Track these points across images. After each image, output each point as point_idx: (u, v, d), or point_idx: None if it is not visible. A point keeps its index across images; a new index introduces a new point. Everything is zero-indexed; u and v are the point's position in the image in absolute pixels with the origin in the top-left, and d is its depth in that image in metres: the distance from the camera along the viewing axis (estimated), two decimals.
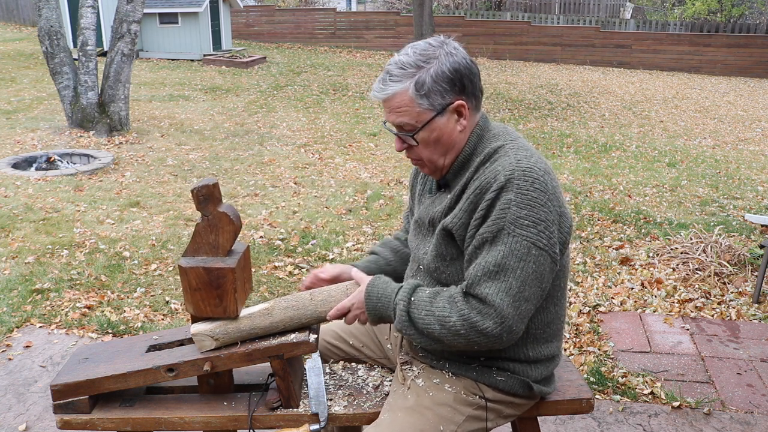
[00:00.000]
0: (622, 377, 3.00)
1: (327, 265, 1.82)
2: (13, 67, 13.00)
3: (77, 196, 5.56)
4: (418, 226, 1.71)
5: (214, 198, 1.56)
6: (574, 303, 3.75)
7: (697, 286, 4.01)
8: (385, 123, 1.62)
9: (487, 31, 18.46)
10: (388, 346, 1.86)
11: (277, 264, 4.24)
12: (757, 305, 3.77)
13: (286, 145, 7.80)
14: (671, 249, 4.55)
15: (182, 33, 15.41)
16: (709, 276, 4.09)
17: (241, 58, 15.07)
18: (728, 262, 4.21)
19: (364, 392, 1.75)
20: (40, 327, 3.41)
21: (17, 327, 3.40)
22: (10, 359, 3.12)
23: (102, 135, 7.75)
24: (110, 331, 3.35)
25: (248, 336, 1.63)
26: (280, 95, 11.48)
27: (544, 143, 8.46)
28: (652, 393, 2.90)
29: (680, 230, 4.96)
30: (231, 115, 9.53)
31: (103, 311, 3.55)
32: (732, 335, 3.44)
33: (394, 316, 1.54)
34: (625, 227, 5.15)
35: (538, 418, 1.76)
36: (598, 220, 5.31)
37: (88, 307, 3.59)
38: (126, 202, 5.41)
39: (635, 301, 3.82)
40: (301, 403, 1.68)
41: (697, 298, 3.85)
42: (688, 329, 3.50)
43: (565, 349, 3.23)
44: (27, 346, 3.23)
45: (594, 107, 11.59)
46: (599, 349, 3.25)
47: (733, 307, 3.74)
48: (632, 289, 3.98)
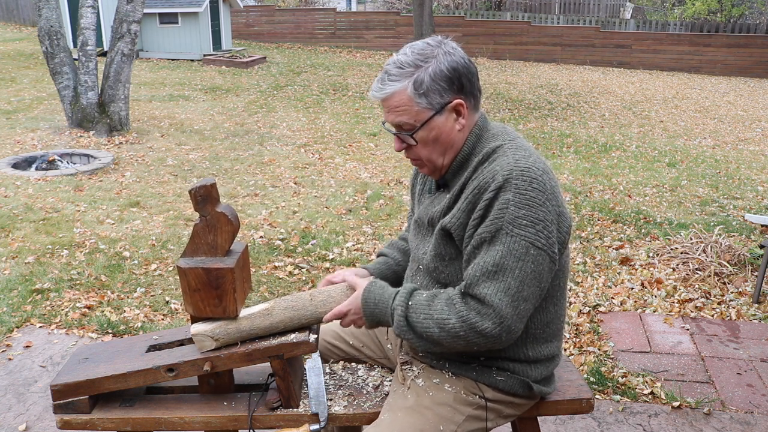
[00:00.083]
0: (622, 377, 3.00)
1: (342, 270, 1.82)
2: (13, 67, 13.00)
3: (77, 196, 5.56)
4: (418, 226, 1.71)
5: (212, 198, 1.56)
6: (574, 303, 3.75)
7: (697, 286, 4.01)
8: (384, 123, 1.62)
9: (487, 31, 18.47)
10: (389, 346, 1.86)
11: (277, 264, 4.24)
12: (757, 305, 3.77)
13: (286, 145, 7.80)
14: (671, 249, 4.55)
15: (182, 33, 15.41)
16: (709, 276, 4.09)
17: (241, 58, 15.07)
18: (728, 262, 4.21)
19: (364, 392, 1.76)
20: (40, 327, 3.41)
21: (17, 327, 3.40)
22: (10, 359, 3.12)
23: (102, 135, 7.76)
24: (110, 331, 3.35)
25: (248, 336, 1.63)
26: (280, 95, 11.48)
27: (544, 143, 8.46)
28: (652, 393, 2.90)
29: (680, 230, 4.96)
30: (231, 115, 9.53)
31: (103, 311, 3.55)
32: (732, 335, 3.44)
33: (392, 321, 1.55)
34: (625, 227, 5.15)
35: (538, 418, 1.76)
36: (598, 220, 5.31)
37: (88, 307, 3.59)
38: (126, 202, 5.41)
39: (635, 301, 3.82)
40: (301, 403, 1.68)
41: (697, 298, 3.85)
42: (688, 329, 3.50)
43: (565, 349, 3.23)
44: (27, 346, 3.23)
45: (594, 107, 11.59)
46: (599, 349, 3.25)
47: (733, 307, 3.74)
48: (632, 289, 3.98)
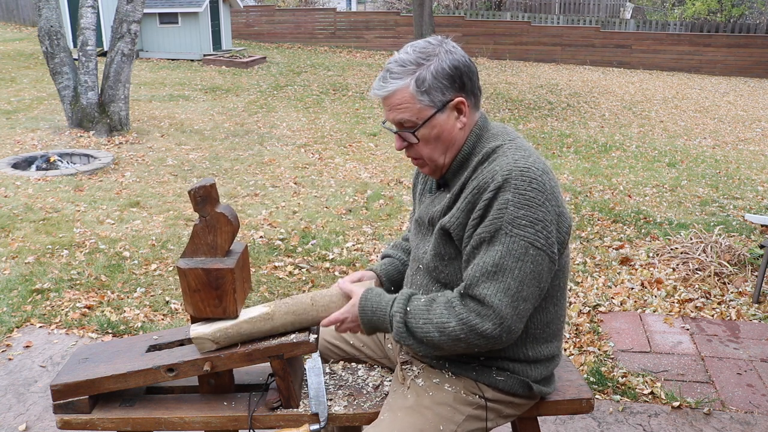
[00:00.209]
0: (622, 377, 3.00)
1: (351, 274, 1.83)
2: (13, 67, 13.00)
3: (77, 196, 5.56)
4: (419, 225, 1.71)
5: (212, 199, 1.56)
6: (574, 303, 3.75)
7: (697, 286, 4.01)
8: (385, 123, 1.62)
9: (487, 31, 18.47)
10: (389, 345, 1.86)
11: (277, 264, 4.24)
12: (757, 305, 3.77)
13: (286, 145, 7.79)
14: (671, 249, 4.55)
15: (182, 33, 15.41)
16: (709, 276, 4.09)
17: (241, 58, 15.07)
18: (728, 262, 4.21)
19: (364, 392, 1.76)
20: (40, 327, 3.41)
21: (17, 327, 3.40)
22: (10, 359, 3.12)
23: (102, 135, 7.75)
24: (110, 331, 3.35)
25: (248, 339, 1.63)
26: (280, 95, 11.48)
27: (544, 143, 8.46)
28: (652, 393, 2.90)
29: (680, 230, 4.96)
30: (231, 115, 9.53)
31: (103, 311, 3.55)
32: (732, 335, 3.44)
33: (392, 328, 1.54)
34: (625, 227, 5.15)
35: (538, 418, 1.76)
36: (598, 220, 5.31)
37: (88, 307, 3.59)
38: (126, 202, 5.41)
39: (635, 301, 3.82)
40: (301, 403, 1.68)
41: (697, 298, 3.85)
42: (688, 329, 3.50)
43: (565, 349, 3.23)
44: (27, 346, 3.23)
45: (594, 107, 11.59)
46: (599, 349, 3.25)
47: (733, 307, 3.74)
48: (632, 289, 3.98)
